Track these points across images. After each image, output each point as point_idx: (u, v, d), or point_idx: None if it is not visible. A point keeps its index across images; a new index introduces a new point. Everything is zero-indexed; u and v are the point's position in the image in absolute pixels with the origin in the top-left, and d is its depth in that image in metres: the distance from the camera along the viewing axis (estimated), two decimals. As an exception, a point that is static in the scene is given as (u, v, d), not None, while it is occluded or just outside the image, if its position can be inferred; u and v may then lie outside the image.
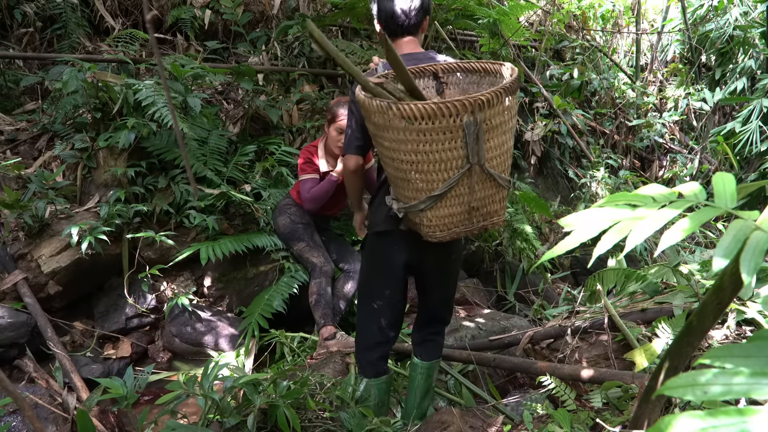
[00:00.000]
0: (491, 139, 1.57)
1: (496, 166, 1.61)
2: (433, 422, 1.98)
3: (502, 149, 1.61)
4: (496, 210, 1.70)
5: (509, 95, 1.55)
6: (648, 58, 7.26)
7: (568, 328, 2.31)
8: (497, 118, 1.54)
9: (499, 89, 1.51)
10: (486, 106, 1.50)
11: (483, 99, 1.48)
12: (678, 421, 0.56)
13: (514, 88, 1.56)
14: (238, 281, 3.08)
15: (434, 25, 4.09)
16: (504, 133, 1.60)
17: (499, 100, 1.51)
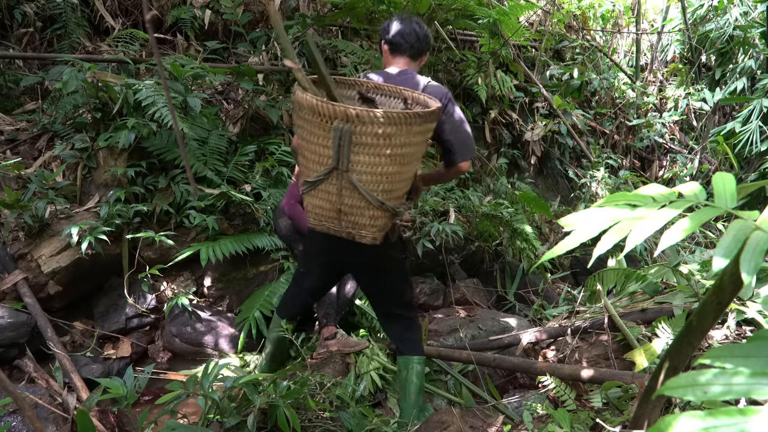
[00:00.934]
0: (360, 155, 1.67)
1: (367, 182, 1.70)
2: (433, 422, 1.98)
3: (374, 170, 1.69)
4: (365, 225, 1.79)
5: (386, 125, 1.61)
6: (648, 58, 7.26)
7: (568, 328, 2.31)
8: (368, 138, 1.63)
9: (372, 112, 1.60)
10: (356, 121, 1.60)
11: (353, 113, 1.59)
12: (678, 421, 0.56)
13: (396, 121, 1.61)
14: (238, 281, 3.08)
15: (434, 25, 4.09)
16: (377, 156, 1.66)
17: (370, 120, 1.59)
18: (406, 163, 1.72)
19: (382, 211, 1.76)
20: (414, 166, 1.79)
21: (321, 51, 4.15)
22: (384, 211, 1.76)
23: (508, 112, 5.17)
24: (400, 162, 1.70)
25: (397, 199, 1.80)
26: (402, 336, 2.20)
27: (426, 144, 1.80)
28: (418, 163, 1.83)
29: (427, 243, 3.28)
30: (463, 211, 3.73)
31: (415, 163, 1.79)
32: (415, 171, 1.84)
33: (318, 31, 4.28)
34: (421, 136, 1.69)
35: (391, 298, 2.20)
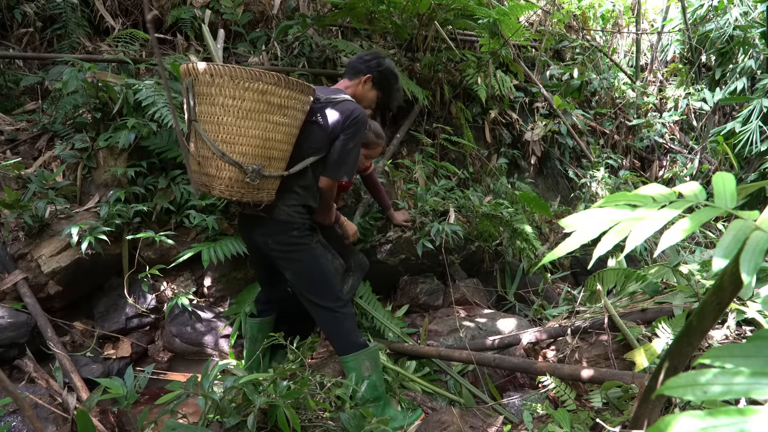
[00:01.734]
0: (201, 105, 1.93)
1: (208, 132, 1.95)
2: (433, 422, 1.98)
3: (212, 119, 1.93)
4: (213, 176, 2.01)
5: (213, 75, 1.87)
6: (648, 58, 7.26)
7: (568, 328, 2.31)
8: (202, 87, 1.90)
9: (208, 64, 1.88)
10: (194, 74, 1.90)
11: (192, 66, 1.90)
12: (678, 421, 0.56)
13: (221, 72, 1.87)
14: (238, 281, 3.08)
15: (434, 26, 4.09)
16: (212, 105, 1.91)
17: (202, 72, 1.88)
18: (244, 117, 1.92)
19: (225, 163, 1.96)
20: (262, 127, 1.97)
21: (321, 51, 4.15)
22: (226, 163, 1.96)
23: (508, 112, 5.17)
24: (235, 114, 1.91)
25: (245, 156, 1.97)
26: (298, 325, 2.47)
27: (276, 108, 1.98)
28: (274, 129, 2.01)
29: (427, 243, 3.28)
30: (463, 211, 3.73)
31: (263, 123, 1.97)
32: (268, 135, 2.00)
33: (318, 31, 4.28)
34: (255, 93, 1.90)
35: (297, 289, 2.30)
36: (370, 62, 2.38)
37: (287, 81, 1.96)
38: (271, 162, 2.04)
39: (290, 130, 2.07)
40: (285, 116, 2.02)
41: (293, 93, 2.00)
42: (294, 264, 2.24)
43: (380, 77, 2.40)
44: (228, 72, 1.86)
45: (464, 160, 4.64)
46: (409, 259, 3.43)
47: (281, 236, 2.19)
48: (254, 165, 1.97)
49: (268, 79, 1.90)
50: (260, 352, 2.44)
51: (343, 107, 2.18)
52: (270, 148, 2.02)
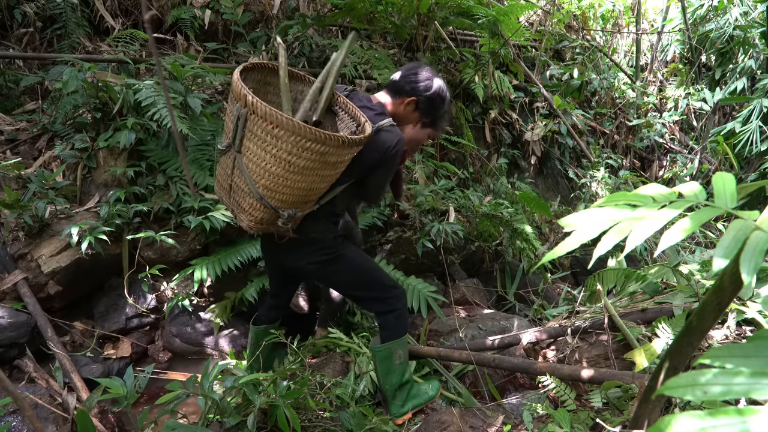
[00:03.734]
0: (251, 142, 1.77)
1: (252, 171, 1.82)
2: (433, 422, 1.98)
3: (259, 163, 1.79)
4: (244, 209, 1.92)
5: (273, 125, 1.69)
6: (648, 58, 7.26)
7: (568, 328, 2.31)
8: (258, 129, 1.73)
9: (267, 107, 1.68)
10: (251, 109, 1.70)
11: (250, 100, 1.69)
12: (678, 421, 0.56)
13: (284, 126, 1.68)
14: (238, 282, 3.07)
15: (434, 25, 4.09)
16: (264, 151, 1.76)
17: (262, 114, 1.68)
18: (296, 172, 1.78)
19: (261, 205, 1.85)
20: (310, 180, 1.83)
21: (321, 51, 4.15)
22: (263, 206, 1.85)
23: (508, 112, 5.17)
24: (286, 168, 1.77)
25: (284, 203, 1.86)
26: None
27: (330, 165, 1.83)
28: (321, 180, 1.87)
29: (427, 243, 3.28)
30: (463, 211, 3.73)
31: (312, 178, 1.82)
32: (313, 186, 1.87)
33: (318, 31, 4.28)
34: (314, 154, 1.74)
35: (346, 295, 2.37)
36: (415, 83, 2.11)
37: (350, 141, 1.78)
38: (307, 204, 1.95)
39: (334, 178, 1.94)
40: (336, 170, 1.89)
41: (352, 150, 1.84)
42: (335, 275, 2.21)
43: (427, 103, 2.13)
44: (292, 127, 1.67)
45: (464, 160, 4.64)
46: (409, 259, 3.43)
47: (314, 256, 2.13)
48: (290, 210, 1.88)
49: (332, 142, 1.73)
50: (261, 354, 2.44)
51: (384, 139, 1.98)
52: (311, 194, 1.92)
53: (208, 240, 3.02)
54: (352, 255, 2.22)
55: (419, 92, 2.10)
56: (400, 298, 2.26)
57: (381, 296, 2.24)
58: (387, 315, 2.25)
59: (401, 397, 2.28)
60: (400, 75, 2.15)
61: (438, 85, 2.13)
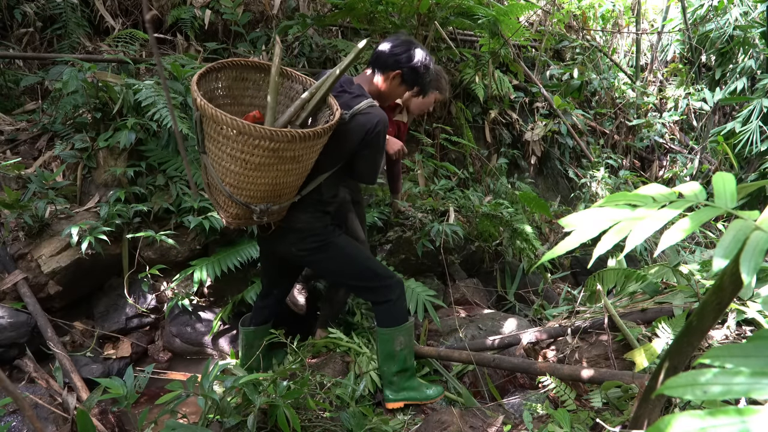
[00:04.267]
0: (210, 143, 1.79)
1: (217, 170, 1.83)
2: (433, 422, 1.98)
3: (220, 162, 1.80)
4: (221, 206, 1.95)
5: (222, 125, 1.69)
6: (648, 58, 7.26)
7: (568, 328, 2.31)
8: (211, 131, 1.75)
9: (213, 109, 1.68)
10: (203, 112, 1.71)
11: (200, 102, 1.70)
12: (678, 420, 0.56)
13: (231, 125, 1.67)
14: (238, 281, 3.07)
15: (434, 25, 4.09)
16: (220, 150, 1.76)
17: (210, 116, 1.69)
18: (253, 169, 1.77)
19: (232, 201, 1.86)
20: (272, 176, 1.81)
21: (321, 51, 4.15)
22: (234, 202, 1.86)
23: (508, 112, 5.17)
24: (243, 165, 1.77)
25: (253, 198, 1.86)
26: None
27: (289, 160, 1.80)
28: (285, 175, 1.84)
29: (427, 243, 3.28)
30: (463, 211, 3.73)
31: (273, 173, 1.80)
32: (278, 181, 1.85)
33: (318, 31, 4.28)
34: (266, 150, 1.71)
35: (339, 283, 2.48)
36: (399, 56, 2.10)
37: (303, 135, 1.74)
38: (281, 197, 1.93)
39: (304, 170, 1.92)
40: (299, 163, 1.84)
41: (310, 143, 1.80)
42: (324, 262, 2.20)
43: (411, 73, 2.12)
44: (236, 126, 1.67)
45: (464, 160, 4.64)
46: (409, 259, 3.43)
47: (303, 243, 2.12)
48: (262, 205, 1.87)
49: (281, 137, 1.70)
50: (260, 354, 2.44)
51: (362, 122, 1.96)
52: (280, 189, 1.89)
53: (208, 240, 3.02)
54: (343, 243, 2.21)
55: (402, 64, 2.10)
56: (393, 288, 2.26)
57: (373, 286, 2.24)
58: (381, 305, 2.27)
59: (397, 385, 2.30)
60: (381, 50, 2.15)
61: (420, 54, 2.12)
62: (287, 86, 2.14)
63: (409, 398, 2.32)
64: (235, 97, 2.07)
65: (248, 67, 2.04)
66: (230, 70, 2.00)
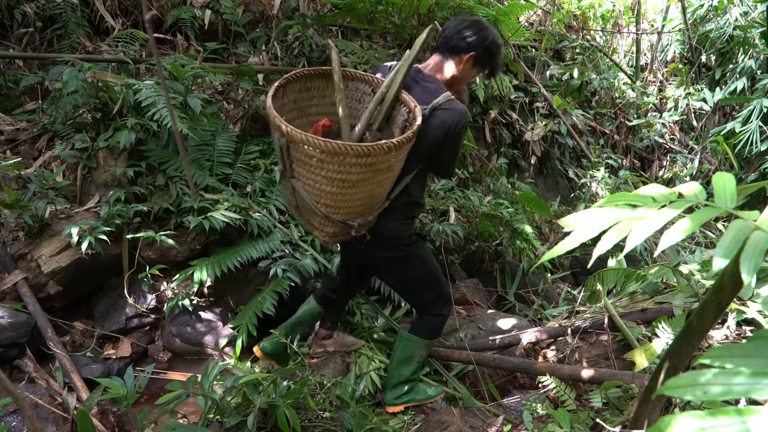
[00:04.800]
0: (300, 167, 1.74)
1: (310, 193, 1.77)
2: (433, 422, 1.98)
3: (314, 185, 1.75)
4: (315, 227, 1.91)
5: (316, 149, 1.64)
6: (648, 58, 7.26)
7: (568, 328, 2.31)
8: (301, 156, 1.70)
9: (303, 135, 1.63)
10: (289, 138, 1.66)
11: (285, 129, 1.64)
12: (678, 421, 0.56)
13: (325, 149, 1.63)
14: (238, 281, 3.08)
15: (434, 25, 4.09)
16: (313, 174, 1.72)
17: (300, 141, 1.64)
18: (350, 187, 1.73)
19: (329, 221, 1.82)
20: (368, 189, 1.78)
21: (321, 51, 4.15)
22: (330, 222, 1.82)
23: (508, 112, 5.17)
24: (339, 185, 1.72)
25: (350, 215, 1.82)
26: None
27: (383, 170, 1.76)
28: (379, 186, 1.81)
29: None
30: (463, 211, 3.73)
31: (369, 186, 1.77)
32: (374, 193, 1.82)
33: (318, 31, 4.28)
34: (362, 167, 1.67)
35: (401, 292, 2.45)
36: (472, 38, 2.00)
37: (397, 144, 1.70)
38: (373, 207, 1.91)
39: (395, 176, 1.89)
40: (392, 171, 1.82)
41: (403, 150, 1.76)
42: (406, 271, 2.20)
43: (484, 54, 2.02)
44: (332, 149, 1.62)
45: (464, 160, 4.64)
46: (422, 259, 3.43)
47: (391, 252, 2.13)
48: (360, 219, 1.86)
49: (377, 151, 1.66)
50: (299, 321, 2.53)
51: (443, 118, 1.90)
52: (375, 199, 1.88)
53: (207, 240, 3.02)
54: (425, 255, 2.23)
55: (475, 46, 2.00)
56: (447, 304, 2.30)
57: (436, 300, 2.26)
58: (432, 317, 2.28)
59: (400, 391, 2.32)
60: (449, 34, 2.04)
61: (492, 34, 2.03)
62: (352, 87, 2.07)
63: (410, 401, 2.33)
64: (302, 109, 2.01)
65: (311, 76, 2.00)
66: (294, 83, 1.95)
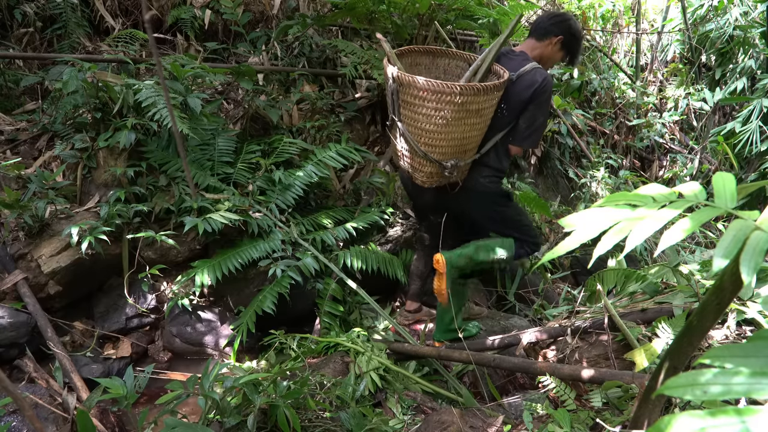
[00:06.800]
0: (405, 109, 2.11)
1: (412, 133, 2.15)
2: (433, 422, 1.98)
3: (415, 124, 2.12)
4: (416, 168, 2.27)
5: (418, 89, 2.01)
6: (648, 58, 7.26)
7: (568, 328, 2.31)
8: (407, 97, 2.07)
9: (410, 77, 2.01)
10: (399, 82, 2.06)
11: (396, 74, 2.05)
12: (678, 420, 0.56)
13: (426, 87, 1.99)
14: (237, 281, 3.08)
15: (434, 26, 4.09)
16: (415, 113, 2.09)
17: (407, 83, 2.03)
18: (446, 125, 2.06)
19: (426, 160, 2.18)
20: (461, 130, 2.10)
21: (321, 51, 4.15)
22: (428, 161, 2.17)
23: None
24: (436, 123, 2.05)
25: (444, 155, 2.15)
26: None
27: (474, 113, 2.08)
28: (471, 129, 2.13)
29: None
30: (463, 211, 3.72)
31: (462, 127, 2.09)
32: (465, 135, 2.14)
33: (318, 31, 4.28)
34: (455, 105, 2.01)
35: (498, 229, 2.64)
36: (561, 23, 2.40)
37: (485, 88, 2.03)
38: (466, 153, 2.23)
39: (484, 125, 2.22)
40: (481, 117, 2.14)
41: (489, 96, 2.08)
42: (499, 215, 2.55)
43: (570, 39, 2.42)
44: (431, 87, 1.99)
45: (464, 160, 4.64)
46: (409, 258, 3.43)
47: (482, 206, 2.46)
48: (452, 160, 2.17)
49: (468, 91, 2.00)
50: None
51: (530, 80, 2.25)
52: (466, 143, 2.19)
53: (208, 240, 3.02)
54: (513, 209, 2.61)
55: (563, 30, 2.39)
56: (533, 247, 2.65)
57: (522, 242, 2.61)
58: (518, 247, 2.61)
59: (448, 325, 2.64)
60: (541, 20, 2.45)
61: (578, 25, 2.44)
62: (453, 65, 2.49)
63: (452, 338, 2.63)
64: None
65: (420, 52, 2.45)
66: (406, 56, 2.39)
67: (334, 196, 3.66)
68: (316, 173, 3.35)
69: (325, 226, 3.30)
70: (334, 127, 3.71)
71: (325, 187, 3.62)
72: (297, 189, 3.26)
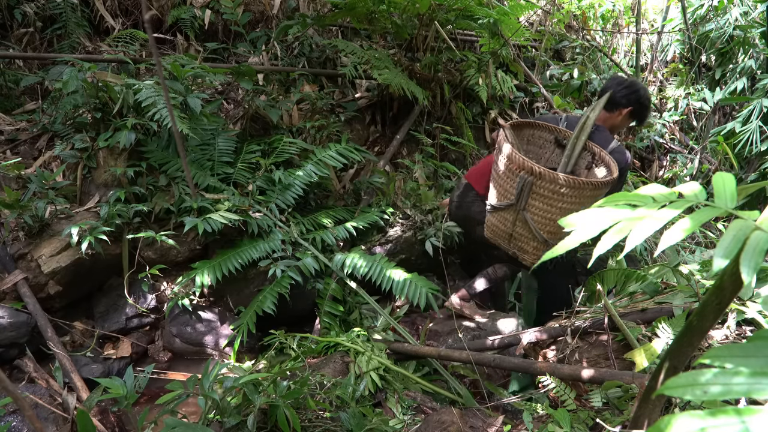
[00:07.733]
0: (536, 201, 2.18)
1: (537, 222, 2.23)
2: (433, 422, 1.98)
3: (545, 215, 2.21)
4: (528, 251, 2.39)
5: (562, 185, 2.11)
6: (648, 58, 7.25)
7: (568, 328, 2.31)
8: (545, 191, 2.15)
9: (553, 174, 2.10)
10: (539, 177, 2.12)
11: (538, 170, 2.11)
12: (678, 420, 0.56)
13: (571, 184, 2.10)
14: (237, 281, 3.08)
15: (434, 26, 4.09)
16: (550, 206, 2.18)
17: (550, 179, 2.11)
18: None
19: (545, 246, 2.31)
20: None
21: (321, 51, 4.15)
22: (545, 246, 2.30)
23: (509, 112, 5.16)
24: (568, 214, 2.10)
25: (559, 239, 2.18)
26: None
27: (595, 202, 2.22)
28: None
29: (435, 242, 3.29)
30: (463, 211, 3.72)
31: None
32: None
33: (318, 31, 4.28)
34: (590, 199, 2.13)
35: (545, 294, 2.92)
36: (630, 95, 2.52)
37: (612, 182, 2.18)
38: None
39: None
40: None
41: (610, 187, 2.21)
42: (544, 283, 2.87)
43: (639, 108, 2.55)
44: (578, 185, 2.10)
45: (464, 160, 4.64)
46: (409, 259, 3.43)
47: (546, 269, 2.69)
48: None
49: (604, 187, 2.14)
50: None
51: (619, 159, 2.38)
52: None
53: (208, 240, 3.02)
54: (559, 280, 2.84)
55: (633, 101, 2.53)
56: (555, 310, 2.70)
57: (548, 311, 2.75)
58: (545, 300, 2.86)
59: None
60: (614, 91, 2.54)
61: (647, 92, 2.57)
62: (537, 135, 2.59)
63: None
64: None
65: (520, 125, 2.57)
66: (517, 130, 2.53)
67: (334, 196, 3.67)
68: (316, 173, 3.36)
69: (325, 226, 3.30)
70: (334, 127, 3.71)
71: (325, 187, 3.62)
72: (297, 189, 3.26)
